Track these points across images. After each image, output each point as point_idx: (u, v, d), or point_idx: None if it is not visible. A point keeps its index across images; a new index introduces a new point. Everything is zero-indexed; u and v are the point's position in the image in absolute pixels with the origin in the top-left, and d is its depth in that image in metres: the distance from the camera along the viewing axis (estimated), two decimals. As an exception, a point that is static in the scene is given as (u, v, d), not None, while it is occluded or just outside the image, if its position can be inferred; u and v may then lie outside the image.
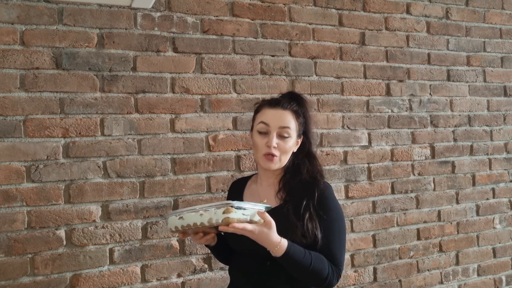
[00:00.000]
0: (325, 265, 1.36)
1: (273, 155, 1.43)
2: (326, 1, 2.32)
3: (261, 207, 1.28)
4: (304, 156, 1.52)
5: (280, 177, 1.50)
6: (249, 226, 1.23)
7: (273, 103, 1.49)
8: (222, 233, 1.43)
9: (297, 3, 2.26)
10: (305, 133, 1.53)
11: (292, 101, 1.50)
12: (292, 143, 1.47)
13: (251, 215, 1.24)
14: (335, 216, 1.43)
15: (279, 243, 1.28)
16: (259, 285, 1.42)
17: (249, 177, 1.65)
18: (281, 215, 1.37)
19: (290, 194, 1.45)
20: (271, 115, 1.46)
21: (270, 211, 1.35)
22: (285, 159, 1.47)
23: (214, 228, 1.27)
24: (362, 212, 2.37)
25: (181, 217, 1.27)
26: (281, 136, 1.45)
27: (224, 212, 1.20)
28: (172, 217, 1.30)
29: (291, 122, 1.46)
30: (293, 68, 2.24)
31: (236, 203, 1.21)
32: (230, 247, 1.54)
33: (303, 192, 1.43)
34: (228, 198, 1.64)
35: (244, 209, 1.23)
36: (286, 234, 1.33)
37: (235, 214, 1.21)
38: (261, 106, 1.52)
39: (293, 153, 1.50)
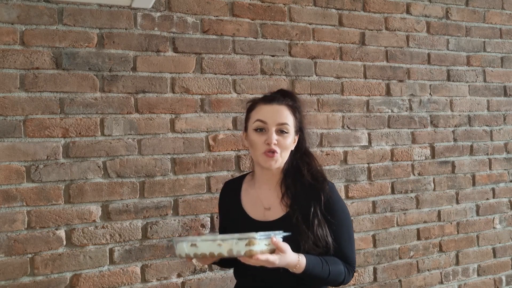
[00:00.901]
0: (341, 268, 1.37)
1: (274, 152, 1.38)
2: (326, 1, 2.32)
3: (279, 234, 1.25)
4: (302, 155, 1.48)
5: (281, 180, 1.45)
6: (271, 258, 1.20)
7: (267, 99, 1.45)
8: None
9: (297, 3, 2.26)
10: (301, 129, 1.48)
11: (286, 96, 1.47)
12: (291, 140, 1.42)
13: (271, 244, 1.22)
14: (342, 216, 1.42)
15: (298, 262, 1.27)
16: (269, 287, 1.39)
17: (241, 178, 1.58)
18: (290, 225, 1.35)
19: (294, 199, 1.41)
20: (267, 112, 1.41)
21: (280, 219, 1.35)
22: (286, 156, 1.43)
23: None
24: (362, 212, 2.37)
25: (194, 245, 1.21)
26: (280, 132, 1.40)
27: (247, 244, 1.16)
28: (182, 243, 1.24)
29: (289, 118, 1.42)
30: (293, 68, 2.24)
31: (258, 235, 1.17)
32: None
33: (309, 197, 1.40)
34: (222, 202, 1.61)
35: (266, 239, 1.20)
36: (299, 245, 1.32)
37: (258, 246, 1.17)
38: (254, 104, 1.47)
39: (291, 152, 1.45)
